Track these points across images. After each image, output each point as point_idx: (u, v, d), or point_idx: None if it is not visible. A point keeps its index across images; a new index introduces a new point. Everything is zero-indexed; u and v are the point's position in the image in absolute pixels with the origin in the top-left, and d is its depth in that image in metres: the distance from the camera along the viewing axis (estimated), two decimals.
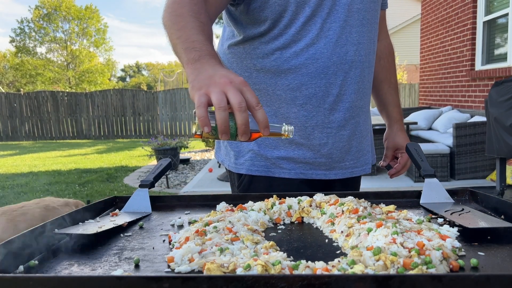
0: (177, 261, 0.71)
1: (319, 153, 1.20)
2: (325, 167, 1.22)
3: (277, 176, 1.21)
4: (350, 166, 1.25)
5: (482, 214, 0.95)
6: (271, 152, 1.20)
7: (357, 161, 1.27)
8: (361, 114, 1.25)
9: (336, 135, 1.20)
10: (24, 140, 14.33)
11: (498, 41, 6.12)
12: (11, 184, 6.55)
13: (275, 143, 1.20)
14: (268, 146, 1.21)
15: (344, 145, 1.22)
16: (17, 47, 27.79)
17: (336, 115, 1.19)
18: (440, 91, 7.93)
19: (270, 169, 1.21)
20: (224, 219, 0.89)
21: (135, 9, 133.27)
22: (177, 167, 7.46)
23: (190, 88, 0.82)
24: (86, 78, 27.76)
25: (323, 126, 1.19)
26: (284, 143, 1.19)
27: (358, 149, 1.27)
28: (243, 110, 0.76)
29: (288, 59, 1.15)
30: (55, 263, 0.76)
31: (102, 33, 29.19)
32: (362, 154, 1.29)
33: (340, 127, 1.20)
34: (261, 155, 1.21)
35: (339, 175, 1.24)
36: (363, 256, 0.67)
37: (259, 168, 1.21)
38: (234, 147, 1.26)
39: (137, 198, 1.13)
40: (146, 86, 41.62)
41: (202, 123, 0.76)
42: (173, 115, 13.95)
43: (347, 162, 1.25)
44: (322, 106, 1.17)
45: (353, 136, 1.24)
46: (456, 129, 5.32)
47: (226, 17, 1.24)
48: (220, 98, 0.76)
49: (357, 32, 1.17)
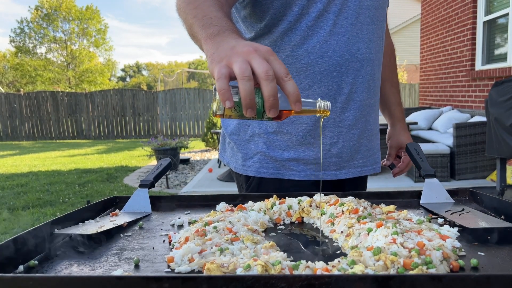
0: (177, 261, 0.71)
1: (329, 152, 1.19)
2: (335, 167, 1.20)
3: (287, 178, 1.18)
4: (359, 165, 1.24)
5: (482, 214, 0.95)
6: (280, 154, 1.17)
7: (366, 160, 1.25)
8: (371, 112, 1.24)
9: (347, 134, 1.19)
10: (24, 140, 14.33)
11: (498, 41, 6.12)
12: (11, 184, 6.55)
13: (285, 144, 1.18)
14: (278, 148, 1.18)
15: (354, 144, 1.21)
16: (17, 47, 27.79)
17: (348, 114, 1.17)
18: (440, 91, 7.94)
19: (280, 171, 1.18)
20: (224, 219, 0.89)
21: (134, 9, 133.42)
22: (177, 167, 7.46)
23: (209, 63, 0.72)
24: (86, 78, 27.75)
25: (334, 125, 1.17)
26: (295, 144, 1.16)
27: (368, 148, 1.25)
28: (270, 79, 0.65)
29: (300, 57, 1.12)
30: (55, 263, 0.76)
31: (102, 33, 29.19)
32: (372, 153, 1.28)
33: (351, 126, 1.18)
34: (270, 156, 1.18)
35: (349, 174, 1.22)
36: (363, 256, 0.67)
37: (268, 170, 1.19)
38: (241, 149, 1.23)
39: (137, 198, 1.13)
40: (146, 86, 41.65)
41: (223, 97, 0.65)
42: (173, 115, 13.95)
43: (356, 161, 1.23)
44: (334, 105, 1.15)
45: (363, 135, 1.22)
46: (456, 129, 5.32)
47: (234, 13, 1.21)
48: (244, 67, 0.66)
49: (368, 29, 1.16)
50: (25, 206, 5.16)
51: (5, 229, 4.20)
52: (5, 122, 14.30)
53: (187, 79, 46.68)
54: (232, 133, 1.25)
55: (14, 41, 27.86)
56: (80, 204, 5.07)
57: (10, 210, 4.98)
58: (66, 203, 5.23)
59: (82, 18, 27.58)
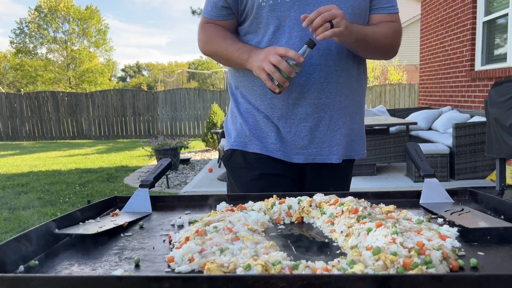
0: (177, 261, 0.71)
1: (284, 139, 1.41)
2: (292, 151, 1.41)
3: (251, 151, 1.43)
4: (313, 153, 1.41)
5: (482, 214, 0.95)
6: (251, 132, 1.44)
7: (321, 150, 1.41)
8: (327, 110, 1.38)
9: (298, 126, 1.39)
10: (25, 140, 14.33)
11: (498, 41, 6.12)
12: (11, 184, 6.55)
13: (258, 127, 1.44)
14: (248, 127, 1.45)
15: (306, 135, 1.39)
16: (17, 48, 27.79)
17: (299, 109, 1.37)
18: (440, 91, 7.94)
19: (247, 145, 1.44)
20: (224, 219, 0.89)
21: (134, 9, 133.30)
22: (177, 167, 7.46)
23: (254, 70, 1.30)
24: (86, 78, 27.74)
25: (286, 118, 1.39)
26: (262, 127, 1.43)
27: (322, 141, 1.40)
28: (282, 65, 1.21)
29: None
30: (56, 263, 0.76)
31: (102, 34, 29.19)
32: (327, 145, 1.41)
33: (302, 119, 1.38)
34: (243, 133, 1.45)
35: (301, 159, 1.42)
36: (363, 256, 0.67)
37: (238, 144, 1.45)
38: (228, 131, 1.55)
39: (137, 198, 1.13)
40: (146, 86, 41.60)
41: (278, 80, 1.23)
42: (173, 115, 13.95)
43: (310, 150, 1.41)
44: (286, 101, 1.37)
45: (316, 128, 1.39)
46: (456, 129, 5.32)
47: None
48: (269, 66, 1.23)
49: (325, 41, 1.27)
50: (25, 206, 5.16)
51: (5, 229, 4.20)
52: (5, 122, 14.30)
53: (187, 79, 46.66)
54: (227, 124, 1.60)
55: (14, 42, 27.87)
56: (81, 204, 5.07)
57: (11, 210, 4.98)
58: (66, 203, 5.23)
59: (81, 18, 27.58)
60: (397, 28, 1.42)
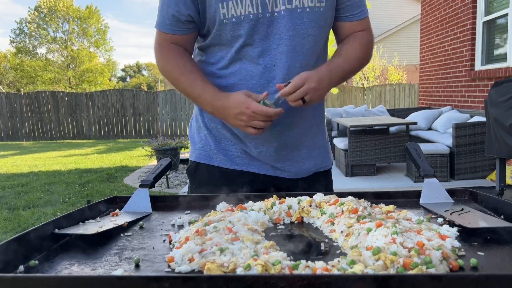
0: (177, 261, 0.71)
1: (251, 152, 1.39)
2: (260, 166, 1.40)
3: (216, 165, 1.41)
4: (280, 168, 1.40)
5: (482, 214, 0.95)
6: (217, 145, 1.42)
7: (284, 164, 1.40)
8: (291, 129, 1.37)
9: (263, 145, 1.37)
10: (25, 140, 14.33)
11: (498, 41, 6.12)
12: (11, 184, 6.55)
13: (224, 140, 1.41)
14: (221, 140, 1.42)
15: (271, 154, 1.38)
16: (17, 48, 27.79)
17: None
18: (440, 91, 7.94)
19: (212, 158, 1.42)
20: (224, 219, 0.89)
21: (134, 9, 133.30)
22: (177, 167, 7.46)
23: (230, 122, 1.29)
24: (86, 78, 27.75)
25: (251, 137, 1.35)
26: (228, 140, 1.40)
27: (285, 155, 1.40)
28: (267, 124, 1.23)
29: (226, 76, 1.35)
30: (56, 263, 0.76)
31: (102, 34, 29.19)
32: (291, 159, 1.41)
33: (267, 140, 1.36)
34: (207, 145, 1.43)
35: (262, 170, 1.40)
36: (363, 256, 0.67)
37: (203, 157, 1.43)
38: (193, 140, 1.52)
39: (137, 198, 1.13)
40: (146, 86, 41.55)
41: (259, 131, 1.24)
42: (173, 115, 13.95)
43: (277, 165, 1.40)
44: None
45: (281, 146, 1.38)
46: (455, 129, 5.32)
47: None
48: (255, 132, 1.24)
49: (287, 57, 1.27)
50: (25, 206, 5.16)
51: (5, 229, 4.20)
52: (5, 122, 14.30)
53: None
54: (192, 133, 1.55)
55: (14, 42, 27.86)
56: (81, 204, 5.07)
57: (11, 210, 4.99)
58: (66, 203, 5.23)
59: (81, 17, 27.57)
60: (368, 40, 1.38)
